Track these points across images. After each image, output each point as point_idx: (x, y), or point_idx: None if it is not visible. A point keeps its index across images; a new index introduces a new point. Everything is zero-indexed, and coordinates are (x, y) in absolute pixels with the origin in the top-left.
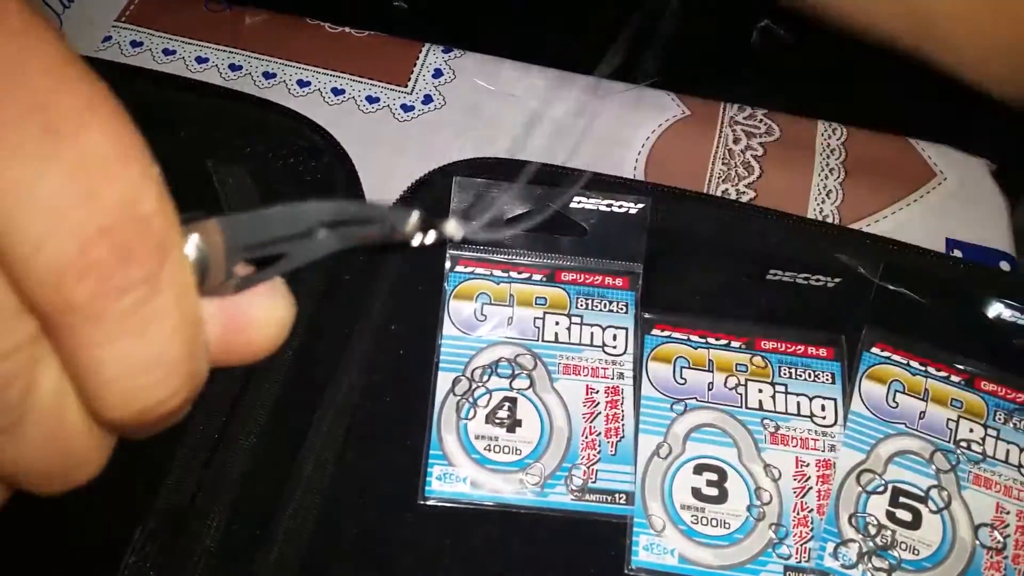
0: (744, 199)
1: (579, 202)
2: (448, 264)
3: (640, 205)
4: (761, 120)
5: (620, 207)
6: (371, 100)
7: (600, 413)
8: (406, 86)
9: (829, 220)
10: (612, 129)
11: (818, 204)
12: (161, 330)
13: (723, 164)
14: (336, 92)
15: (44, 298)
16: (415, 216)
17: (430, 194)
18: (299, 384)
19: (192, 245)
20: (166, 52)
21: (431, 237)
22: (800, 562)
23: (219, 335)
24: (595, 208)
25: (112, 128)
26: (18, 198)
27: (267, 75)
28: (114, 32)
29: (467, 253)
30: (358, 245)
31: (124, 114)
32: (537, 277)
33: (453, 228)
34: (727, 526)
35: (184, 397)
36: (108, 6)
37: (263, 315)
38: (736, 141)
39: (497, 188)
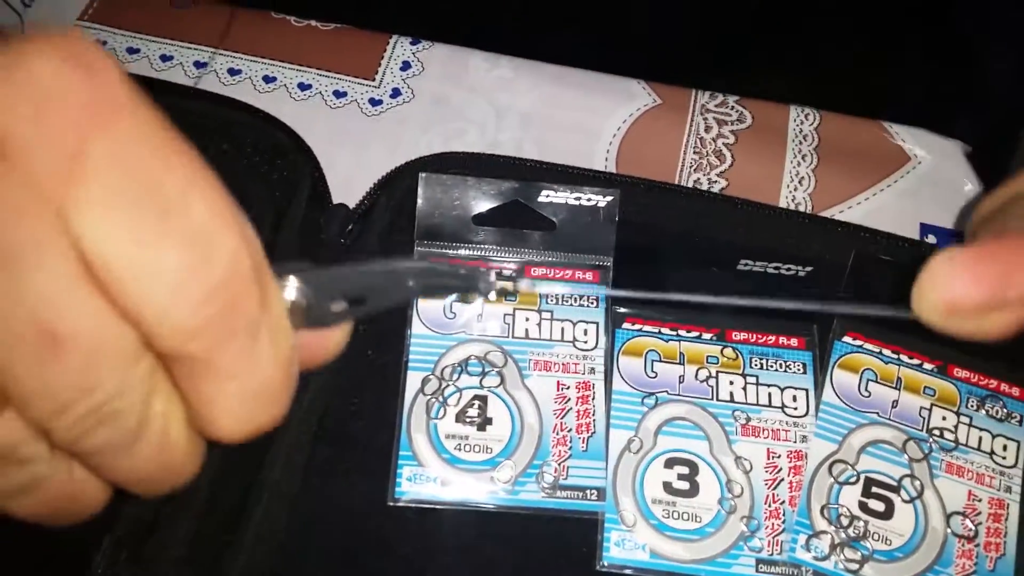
0: (716, 188)
1: (547, 196)
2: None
3: (609, 198)
4: (732, 107)
5: (589, 200)
6: (338, 95)
7: (571, 409)
8: (374, 79)
9: (801, 208)
10: (582, 118)
11: (790, 192)
12: (264, 366)
13: (695, 153)
14: (303, 87)
15: (165, 349)
16: (492, 276)
17: (397, 190)
18: None
19: (292, 289)
20: (130, 51)
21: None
22: (772, 555)
23: (305, 353)
24: (564, 202)
25: (211, 199)
26: (143, 277)
27: (232, 71)
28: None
29: (435, 250)
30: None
31: (217, 181)
32: (506, 273)
33: (527, 285)
34: (698, 520)
35: (283, 411)
36: (70, 5)
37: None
38: (707, 129)
39: (464, 184)
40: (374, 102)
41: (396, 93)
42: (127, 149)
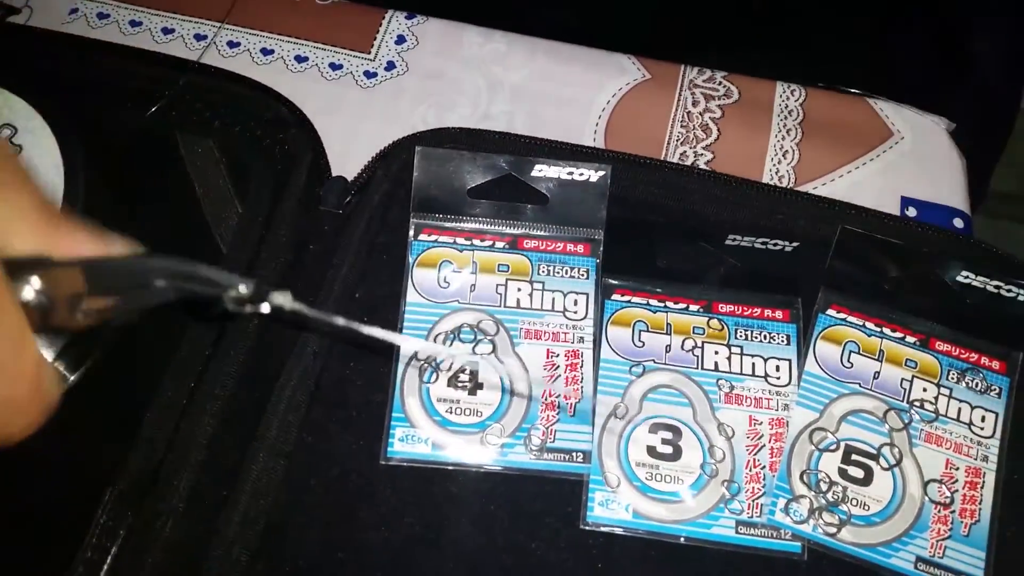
0: (702, 162)
1: (540, 171)
2: (412, 232)
3: (600, 173)
4: (720, 82)
5: (581, 175)
6: (334, 67)
7: (560, 376)
8: (369, 52)
9: (785, 181)
10: (573, 92)
11: (774, 165)
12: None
13: (682, 127)
14: (299, 59)
15: None
16: (244, 287)
17: (394, 163)
18: (265, 351)
19: (31, 290)
20: (132, 24)
21: (264, 307)
22: (752, 517)
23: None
24: (556, 176)
25: None
26: None
27: (231, 44)
28: (80, 4)
29: (431, 222)
30: (192, 297)
31: None
32: (500, 244)
33: (283, 299)
34: (680, 482)
35: (35, 424)
36: None
37: None
38: (695, 104)
39: (459, 158)
40: (369, 74)
41: (391, 66)
42: None
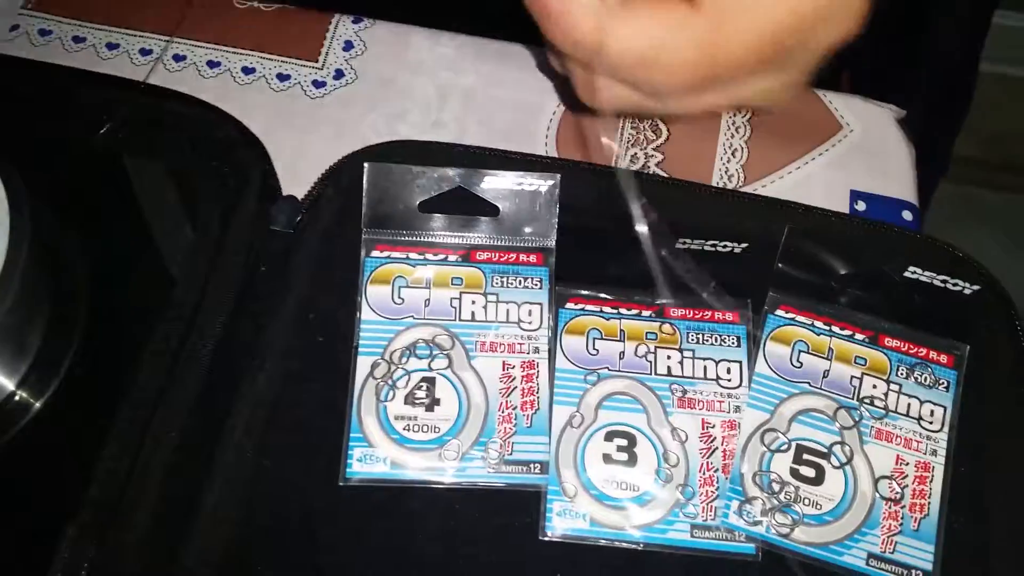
0: (653, 163)
1: (490, 182)
2: (364, 250)
3: (550, 182)
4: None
5: (531, 185)
6: (282, 78)
7: (516, 388)
8: (317, 61)
9: (735, 180)
10: (524, 96)
11: (724, 164)
12: None
13: (632, 128)
14: (247, 71)
15: None
16: None
17: (343, 180)
18: (219, 377)
19: None
20: (76, 39)
21: None
22: (706, 520)
23: None
24: (506, 188)
25: None
26: None
27: (177, 58)
28: (22, 20)
29: (383, 238)
30: None
31: None
32: (453, 258)
33: None
34: (636, 489)
35: None
36: None
37: None
38: None
39: (409, 173)
40: (318, 84)
41: (339, 74)
42: None
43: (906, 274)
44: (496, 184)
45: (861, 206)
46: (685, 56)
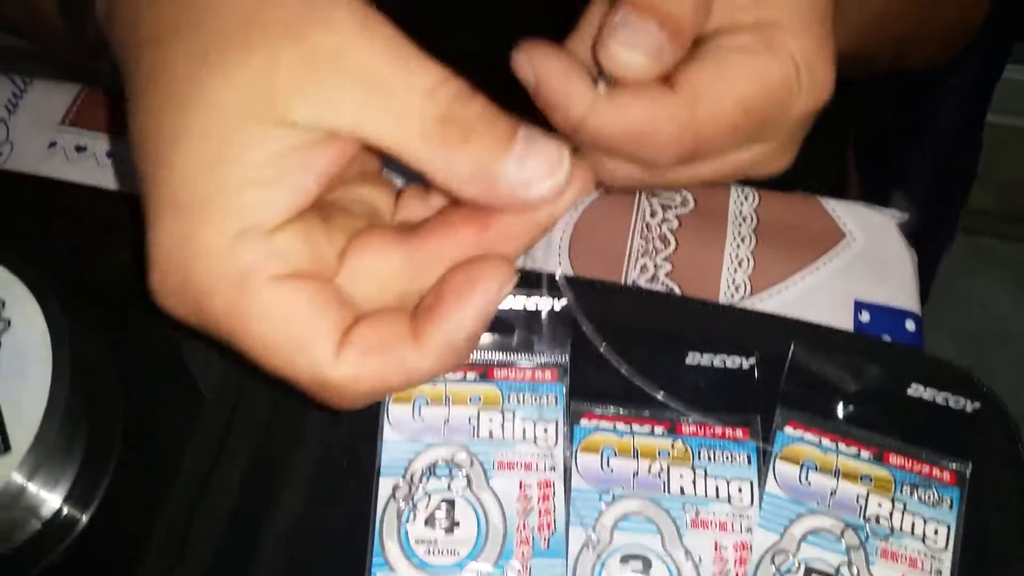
0: (662, 272)
1: (506, 302)
2: None
3: (564, 302)
4: (677, 191)
5: (545, 303)
6: None
7: (533, 508)
8: None
9: (742, 290)
10: None
11: (731, 274)
12: None
13: (641, 238)
14: None
15: None
16: None
17: None
18: (249, 501)
19: None
20: (108, 155)
21: None
22: None
23: None
24: (521, 307)
25: None
26: None
27: None
28: (59, 136)
29: None
30: None
31: None
32: (471, 376)
33: None
34: None
35: None
36: (52, 108)
37: None
38: (653, 214)
39: None
40: None
41: None
42: None
43: (909, 391)
44: (511, 304)
45: (865, 316)
46: (669, 133)
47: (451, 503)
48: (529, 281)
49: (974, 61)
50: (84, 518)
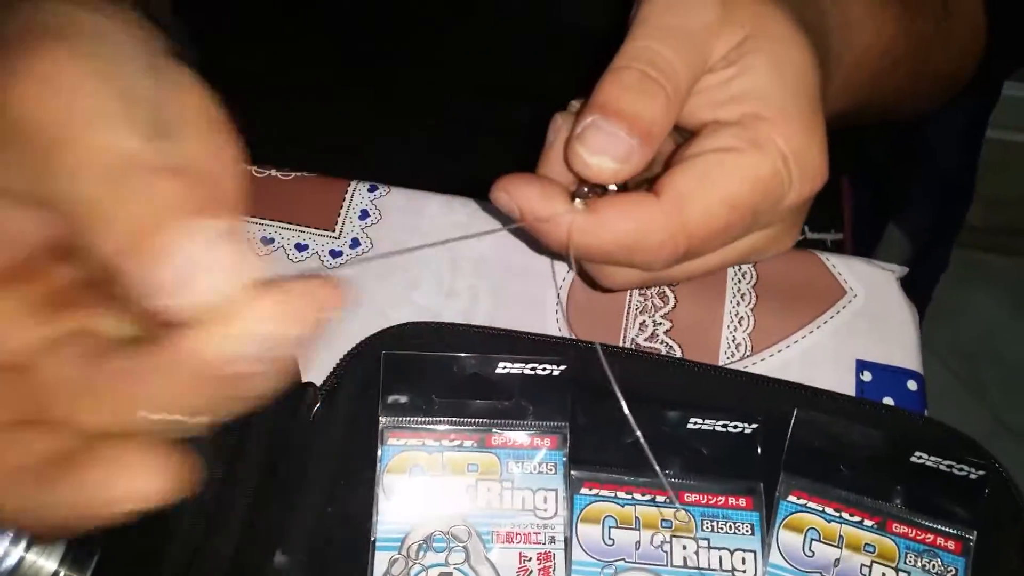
0: (661, 330)
1: (504, 368)
2: (380, 439)
3: (563, 367)
4: None
5: (544, 370)
6: (300, 248)
7: None
8: (333, 230)
9: (742, 349)
10: (535, 263)
11: (731, 332)
12: None
13: (640, 295)
14: (266, 241)
15: None
16: None
17: (362, 366)
18: (240, 574)
19: None
20: None
21: None
22: None
23: None
24: (520, 372)
25: None
26: None
27: None
28: None
29: (400, 426)
30: None
31: None
32: (468, 443)
33: None
34: None
35: None
36: None
37: None
38: None
39: (425, 361)
40: (334, 253)
41: (356, 243)
42: None
43: (912, 459)
44: (510, 370)
45: (867, 376)
46: (659, 240)
47: None
48: (528, 343)
49: (969, 99)
50: None
